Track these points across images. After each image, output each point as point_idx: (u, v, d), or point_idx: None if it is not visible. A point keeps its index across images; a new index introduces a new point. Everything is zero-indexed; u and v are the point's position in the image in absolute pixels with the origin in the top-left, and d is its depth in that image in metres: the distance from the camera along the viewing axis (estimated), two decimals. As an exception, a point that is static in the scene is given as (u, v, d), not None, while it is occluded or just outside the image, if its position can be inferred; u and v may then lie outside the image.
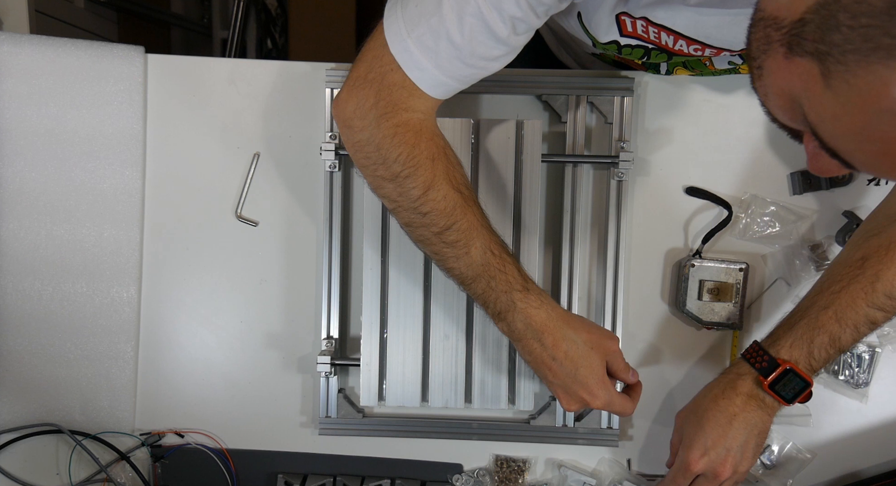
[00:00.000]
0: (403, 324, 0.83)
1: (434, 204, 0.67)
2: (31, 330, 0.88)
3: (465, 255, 0.69)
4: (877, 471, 0.90)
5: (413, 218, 0.68)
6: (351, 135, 0.67)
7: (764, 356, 0.72)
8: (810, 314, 0.72)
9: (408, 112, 0.65)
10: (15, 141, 0.86)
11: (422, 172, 0.66)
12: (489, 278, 0.69)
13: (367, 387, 0.84)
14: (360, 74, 0.65)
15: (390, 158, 0.66)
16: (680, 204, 0.87)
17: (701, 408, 0.75)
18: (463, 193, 0.68)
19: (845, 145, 0.43)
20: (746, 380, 0.74)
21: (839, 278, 0.72)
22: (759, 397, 0.73)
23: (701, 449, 0.74)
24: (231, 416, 0.90)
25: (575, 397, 0.72)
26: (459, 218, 0.68)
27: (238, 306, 0.89)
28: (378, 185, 0.69)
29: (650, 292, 0.88)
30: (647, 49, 0.73)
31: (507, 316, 0.70)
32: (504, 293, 0.70)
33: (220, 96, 0.88)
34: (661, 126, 0.87)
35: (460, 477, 0.90)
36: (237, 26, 1.71)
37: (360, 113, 0.65)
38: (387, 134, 0.65)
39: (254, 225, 0.89)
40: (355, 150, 0.68)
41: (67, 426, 0.88)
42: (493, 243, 0.70)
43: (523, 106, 0.87)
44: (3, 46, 0.85)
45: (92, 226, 0.87)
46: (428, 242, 0.69)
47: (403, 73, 0.63)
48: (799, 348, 0.72)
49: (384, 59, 0.63)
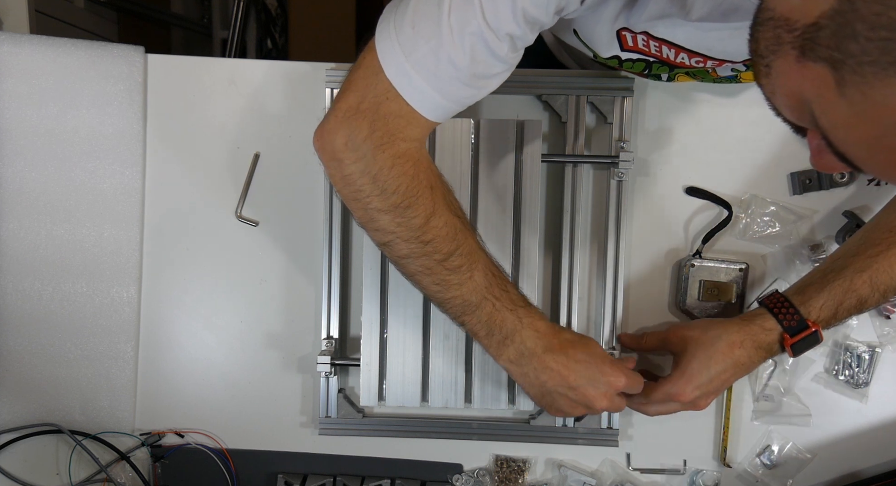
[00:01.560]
0: (403, 324, 0.83)
1: (437, 231, 0.66)
2: (31, 330, 0.88)
3: (469, 279, 0.68)
4: (877, 471, 0.90)
5: (413, 248, 0.66)
6: (339, 168, 0.65)
7: (794, 315, 0.72)
8: (845, 276, 0.72)
9: (405, 142, 0.64)
10: (15, 141, 0.86)
11: (422, 201, 0.65)
12: (494, 299, 0.69)
13: (367, 387, 0.84)
14: (351, 105, 0.62)
15: (389, 190, 0.64)
16: (680, 204, 0.87)
17: (713, 348, 0.74)
18: (461, 218, 0.68)
19: (857, 153, 0.42)
20: (771, 335, 0.73)
21: (878, 242, 0.72)
22: (773, 350, 0.73)
23: (698, 386, 0.74)
24: (231, 416, 0.90)
25: (598, 394, 0.71)
26: (462, 242, 0.67)
27: (238, 306, 0.89)
28: (371, 217, 0.66)
29: (650, 292, 0.88)
30: (649, 62, 0.73)
31: (516, 336, 0.70)
32: (510, 312, 0.69)
33: (220, 96, 0.88)
34: (661, 126, 0.87)
35: (460, 477, 0.90)
36: (237, 26, 1.71)
37: (353, 145, 0.63)
38: (384, 165, 0.63)
39: (254, 225, 0.89)
40: (345, 183, 0.65)
41: (67, 426, 0.88)
42: (492, 265, 0.70)
43: (523, 106, 0.87)
44: (3, 46, 0.85)
45: (92, 226, 0.87)
46: (429, 271, 0.68)
47: (401, 100, 0.61)
48: (828, 310, 0.72)
49: (378, 87, 0.61)
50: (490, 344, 0.71)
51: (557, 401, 0.72)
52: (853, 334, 0.88)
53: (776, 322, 0.73)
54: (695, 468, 0.89)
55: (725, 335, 0.74)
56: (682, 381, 0.74)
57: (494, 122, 0.82)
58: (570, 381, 0.71)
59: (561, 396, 0.72)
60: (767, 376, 0.87)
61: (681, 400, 0.74)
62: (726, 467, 0.89)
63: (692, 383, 0.74)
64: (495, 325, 0.70)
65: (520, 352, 0.70)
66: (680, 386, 0.74)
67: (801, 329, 0.72)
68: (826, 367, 0.88)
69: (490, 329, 0.70)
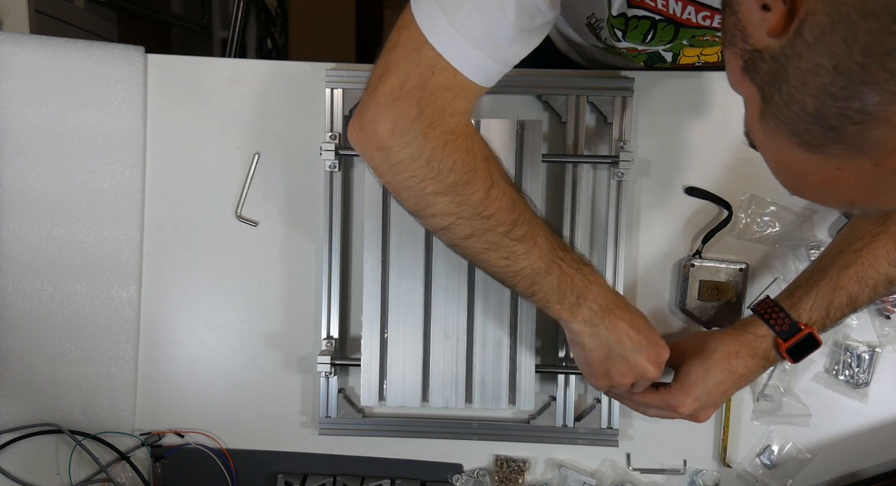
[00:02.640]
0: (404, 324, 0.83)
1: (498, 203, 0.64)
2: (31, 330, 0.88)
3: (535, 246, 0.66)
4: (877, 471, 0.90)
5: (476, 226, 0.64)
6: (387, 158, 0.61)
7: (785, 319, 0.71)
8: (831, 274, 0.71)
9: (454, 117, 0.61)
10: (15, 141, 0.86)
11: (480, 176, 0.63)
12: (560, 261, 0.67)
13: (368, 387, 0.84)
14: (394, 88, 0.59)
15: (445, 169, 0.61)
16: (680, 204, 0.88)
17: (710, 361, 0.73)
18: (514, 185, 0.66)
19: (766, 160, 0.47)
20: (764, 342, 0.72)
21: (860, 236, 0.71)
22: (770, 358, 0.72)
23: (696, 398, 0.73)
24: (231, 416, 0.90)
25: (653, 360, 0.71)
26: (522, 210, 0.66)
27: (238, 306, 0.89)
28: (427, 203, 0.63)
29: (650, 292, 0.88)
30: (654, 21, 0.71)
31: (588, 294, 0.68)
32: (577, 271, 0.68)
33: (220, 96, 0.88)
34: (661, 126, 0.87)
35: (460, 477, 0.90)
36: (237, 26, 1.71)
37: (401, 129, 0.60)
38: (437, 144, 0.61)
39: (254, 225, 0.89)
40: (395, 172, 0.62)
41: (67, 426, 0.88)
42: (549, 227, 0.68)
43: (523, 106, 0.87)
44: (3, 46, 0.85)
45: (92, 226, 0.87)
46: (495, 246, 0.65)
47: (447, 71, 0.59)
48: (819, 310, 0.71)
49: (422, 63, 0.59)
50: (563, 309, 0.69)
51: (616, 366, 0.71)
52: (853, 334, 0.88)
53: (768, 328, 0.72)
54: (695, 468, 0.89)
55: (721, 347, 0.73)
56: (680, 392, 0.74)
57: (494, 122, 0.82)
58: (634, 341, 0.70)
59: (622, 359, 0.70)
60: (767, 376, 0.87)
61: (679, 412, 0.74)
62: (726, 467, 0.89)
63: (690, 395, 0.73)
64: (567, 287, 0.68)
65: (593, 311, 0.69)
66: (679, 398, 0.74)
67: (794, 333, 0.71)
68: (826, 367, 0.88)
69: (562, 293, 0.68)
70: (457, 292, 0.82)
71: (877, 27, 0.36)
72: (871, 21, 0.36)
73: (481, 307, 0.83)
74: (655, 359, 0.71)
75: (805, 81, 0.40)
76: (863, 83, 0.37)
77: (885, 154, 0.39)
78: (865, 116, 0.38)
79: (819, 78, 0.39)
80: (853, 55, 0.37)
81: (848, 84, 0.38)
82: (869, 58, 0.37)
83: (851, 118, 0.39)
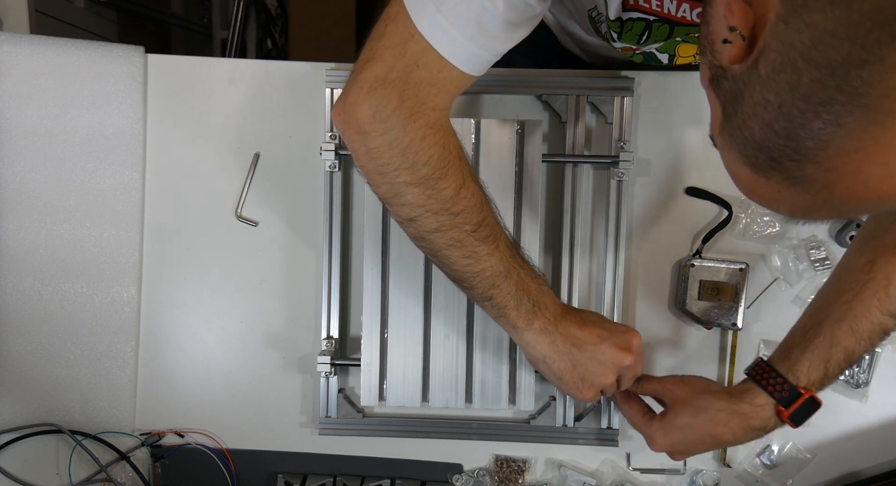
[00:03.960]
0: (404, 324, 0.83)
1: (467, 201, 0.65)
2: (31, 330, 0.88)
3: (497, 249, 0.67)
4: (877, 471, 0.90)
5: (443, 221, 0.65)
6: (364, 142, 0.62)
7: (784, 385, 0.68)
8: (825, 331, 0.68)
9: (435, 112, 0.62)
10: (15, 141, 0.86)
11: (453, 172, 0.64)
12: (519, 267, 0.68)
13: (368, 387, 0.84)
14: (378, 76, 0.60)
15: (419, 162, 0.62)
16: (680, 204, 0.88)
17: (695, 419, 0.71)
18: (483, 188, 0.67)
19: (724, 164, 0.49)
20: (763, 411, 0.69)
21: (849, 287, 0.69)
22: (769, 426, 0.70)
23: (669, 444, 0.73)
24: (231, 416, 0.90)
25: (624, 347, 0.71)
26: (488, 212, 0.67)
27: (238, 306, 0.89)
28: (398, 192, 0.64)
29: (650, 293, 0.88)
30: (649, 22, 0.71)
31: (541, 302, 0.69)
32: (532, 279, 0.69)
33: (220, 96, 0.88)
34: (661, 126, 0.87)
35: (460, 477, 0.90)
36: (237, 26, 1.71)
37: (382, 116, 0.61)
38: (415, 136, 0.62)
39: (254, 225, 0.89)
40: (370, 157, 0.63)
41: (67, 426, 0.88)
42: (509, 236, 0.69)
43: (523, 106, 0.87)
44: (3, 46, 0.85)
45: (92, 226, 0.87)
46: (459, 244, 0.66)
47: (430, 68, 0.60)
48: (817, 370, 0.68)
49: (408, 54, 0.59)
50: (519, 316, 0.69)
51: (588, 368, 0.71)
52: (853, 334, 0.88)
53: (767, 395, 0.69)
54: (695, 468, 0.89)
55: (711, 411, 0.70)
56: (660, 431, 0.73)
57: (494, 122, 0.82)
58: (592, 338, 0.70)
59: (590, 360, 0.70)
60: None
61: (652, 447, 0.74)
62: (726, 467, 0.89)
63: (666, 439, 0.73)
64: (524, 293, 0.68)
65: (546, 319, 0.69)
66: (656, 435, 0.74)
67: (794, 398, 0.68)
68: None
69: (519, 299, 0.68)
70: (457, 291, 0.82)
71: (818, 77, 0.38)
72: (814, 71, 0.38)
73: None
74: (625, 344, 0.71)
75: (755, 111, 0.42)
76: (800, 128, 0.40)
77: (816, 189, 0.42)
78: (801, 156, 0.41)
79: (767, 113, 0.41)
80: (795, 100, 0.39)
81: (788, 125, 0.40)
82: (808, 105, 0.39)
83: (789, 156, 0.41)
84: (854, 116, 0.38)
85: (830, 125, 0.39)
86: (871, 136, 0.38)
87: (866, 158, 0.39)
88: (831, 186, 0.41)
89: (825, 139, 0.39)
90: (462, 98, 0.78)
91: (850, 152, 0.39)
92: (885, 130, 0.38)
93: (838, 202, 0.42)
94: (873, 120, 0.38)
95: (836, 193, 0.41)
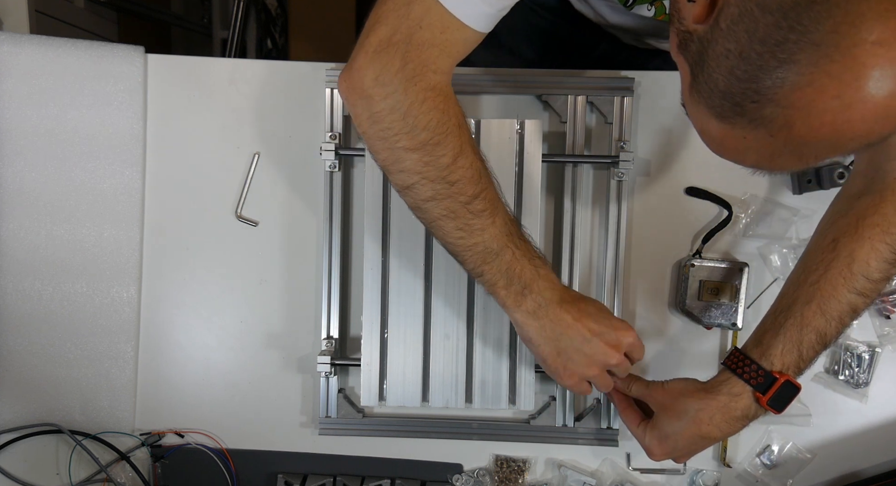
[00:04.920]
0: (404, 324, 0.83)
1: (463, 171, 0.65)
2: (31, 330, 0.88)
3: (492, 225, 0.66)
4: (877, 471, 0.90)
5: (439, 189, 0.65)
6: (369, 106, 0.63)
7: (758, 371, 0.68)
8: (794, 313, 0.69)
9: (436, 75, 0.63)
10: (15, 141, 0.86)
11: (451, 139, 0.64)
12: (514, 247, 0.68)
13: (368, 387, 0.84)
14: (382, 39, 0.61)
15: (419, 126, 0.63)
16: (680, 204, 0.88)
17: (681, 422, 0.71)
18: (483, 162, 0.67)
19: (694, 125, 0.54)
20: (741, 400, 0.69)
21: (814, 267, 0.69)
22: (751, 414, 0.70)
23: (666, 452, 0.74)
24: (231, 416, 0.90)
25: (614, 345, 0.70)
26: (486, 185, 0.66)
27: (238, 306, 0.89)
28: (398, 158, 0.65)
29: (650, 292, 0.88)
30: None
31: (534, 285, 0.68)
32: (528, 261, 0.68)
33: (220, 96, 0.88)
34: (661, 126, 0.87)
35: (460, 477, 0.90)
36: (237, 26, 1.71)
37: (385, 79, 0.62)
38: (416, 99, 0.62)
39: (254, 225, 0.89)
40: (373, 121, 0.64)
41: (67, 426, 0.88)
42: (510, 214, 0.69)
43: (523, 106, 0.87)
44: (3, 46, 0.85)
45: (92, 226, 0.87)
46: (453, 215, 0.66)
47: (433, 29, 0.61)
48: (790, 353, 0.68)
49: (411, 15, 0.60)
50: (508, 295, 0.69)
51: (572, 358, 0.70)
52: (853, 334, 0.88)
53: (743, 384, 0.69)
54: (695, 468, 0.89)
55: (692, 413, 0.71)
56: (655, 441, 0.74)
57: (494, 122, 0.82)
58: (582, 331, 0.69)
59: (576, 351, 0.70)
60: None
61: (651, 458, 0.75)
62: (726, 467, 0.89)
63: (661, 448, 0.73)
64: (515, 274, 0.68)
65: (537, 303, 0.69)
66: (652, 445, 0.74)
67: (771, 383, 0.67)
68: (826, 367, 0.88)
69: (510, 279, 0.68)
70: (457, 291, 0.82)
71: (772, 22, 0.43)
72: (768, 16, 0.43)
73: (481, 307, 0.83)
74: (615, 342, 0.70)
75: (719, 63, 0.47)
76: (758, 69, 0.45)
77: (776, 128, 0.46)
78: (760, 97, 0.45)
79: (728, 61, 0.46)
80: (753, 45, 0.44)
81: (748, 68, 0.45)
82: (764, 47, 0.44)
83: (750, 97, 0.46)
84: (806, 53, 0.42)
85: (785, 63, 0.43)
86: (822, 69, 0.42)
87: (819, 92, 0.43)
88: (790, 124, 0.45)
89: (781, 77, 0.44)
90: (462, 98, 0.77)
91: (804, 87, 0.43)
92: (833, 62, 0.42)
93: (798, 142, 0.46)
94: (823, 54, 0.42)
95: (794, 132, 0.45)
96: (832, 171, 0.84)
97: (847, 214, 0.70)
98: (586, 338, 0.70)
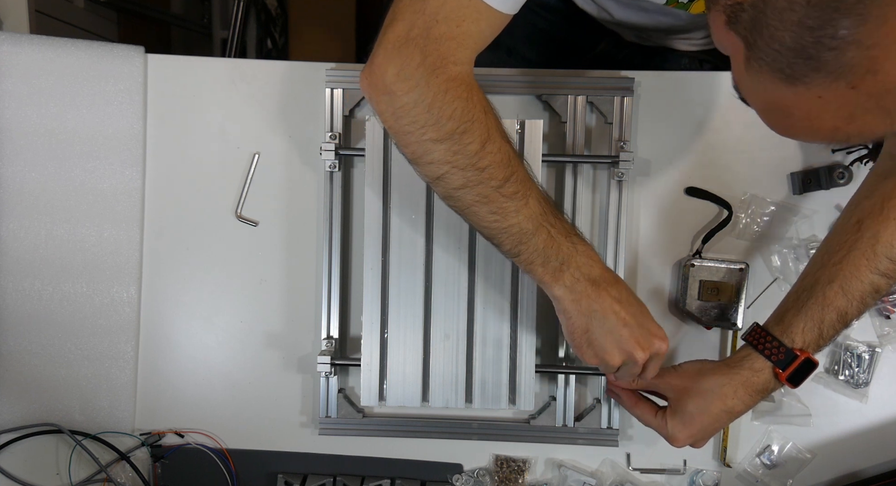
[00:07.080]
0: (404, 324, 0.83)
1: (493, 157, 0.65)
2: (31, 330, 0.88)
3: (525, 206, 0.66)
4: (877, 471, 0.90)
5: (470, 177, 0.65)
6: (393, 101, 0.63)
7: (779, 347, 0.70)
8: (817, 292, 0.70)
9: (456, 66, 0.63)
10: (15, 141, 0.86)
11: (478, 126, 0.64)
12: (549, 225, 0.67)
13: (368, 387, 0.84)
14: (400, 35, 0.62)
15: (444, 117, 0.63)
16: (680, 204, 0.88)
17: (706, 401, 0.72)
18: (512, 145, 0.67)
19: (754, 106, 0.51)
20: (762, 375, 0.71)
21: (838, 247, 0.70)
22: (770, 388, 0.71)
23: (691, 435, 0.73)
24: (231, 416, 0.90)
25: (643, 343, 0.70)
26: (516, 168, 0.66)
27: (238, 306, 0.89)
28: (426, 150, 0.65)
29: (650, 292, 0.88)
30: None
31: (572, 261, 0.68)
32: (565, 238, 0.68)
33: (220, 96, 0.88)
34: (661, 126, 0.87)
35: (460, 477, 0.90)
36: (237, 26, 1.71)
37: (406, 74, 0.62)
38: (438, 91, 0.62)
39: (254, 225, 0.89)
40: (398, 116, 0.64)
41: (67, 426, 0.88)
42: (543, 193, 0.69)
43: (523, 106, 0.87)
44: (3, 46, 0.85)
45: (92, 226, 0.87)
46: (486, 200, 0.66)
47: (449, 23, 0.61)
48: (811, 332, 0.70)
49: (427, 10, 0.61)
50: (546, 272, 0.69)
51: (600, 339, 0.69)
52: (853, 334, 0.88)
53: (764, 359, 0.71)
54: (695, 467, 0.89)
55: (717, 388, 0.72)
56: (679, 426, 0.74)
57: (494, 122, 0.82)
58: (621, 316, 0.69)
59: (607, 333, 0.69)
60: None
61: (675, 444, 0.74)
62: (726, 467, 0.89)
63: (686, 431, 0.73)
64: (552, 251, 0.68)
65: (575, 278, 0.68)
66: (676, 431, 0.74)
67: (791, 360, 0.69)
68: (826, 367, 0.88)
69: (546, 257, 0.68)
70: (457, 291, 0.82)
71: None
72: None
73: (481, 307, 0.83)
74: (646, 344, 0.70)
75: (782, 18, 0.43)
76: (833, 10, 0.40)
77: (859, 76, 0.42)
78: (838, 41, 0.41)
79: (794, 13, 0.42)
80: None
81: (820, 14, 0.41)
82: None
83: (826, 45, 0.42)
84: None
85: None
86: None
87: None
88: (875, 67, 0.41)
89: (861, 13, 0.39)
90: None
91: (891, 19, 0.38)
92: None
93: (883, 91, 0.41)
94: None
95: (880, 78, 0.41)
96: (832, 171, 0.84)
97: (872, 195, 0.70)
98: (620, 324, 0.69)
